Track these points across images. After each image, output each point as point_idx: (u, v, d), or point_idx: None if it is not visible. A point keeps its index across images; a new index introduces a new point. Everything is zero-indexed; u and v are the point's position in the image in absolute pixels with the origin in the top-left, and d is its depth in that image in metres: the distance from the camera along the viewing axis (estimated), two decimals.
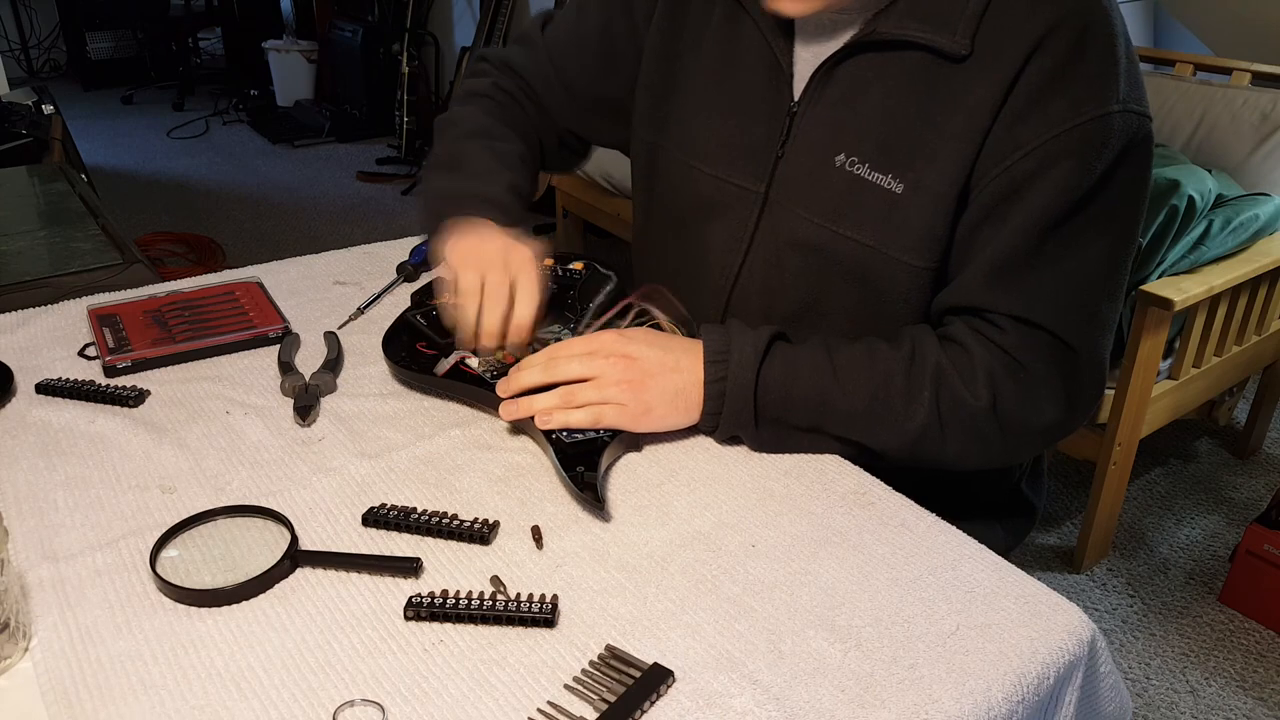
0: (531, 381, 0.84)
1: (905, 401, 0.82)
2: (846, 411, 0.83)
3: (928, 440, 0.83)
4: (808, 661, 0.63)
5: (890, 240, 0.86)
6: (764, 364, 0.83)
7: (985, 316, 0.84)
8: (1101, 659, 0.69)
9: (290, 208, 3.90)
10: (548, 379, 0.84)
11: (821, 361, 0.84)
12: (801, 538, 0.74)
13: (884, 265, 0.87)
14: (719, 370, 0.83)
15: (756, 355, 0.83)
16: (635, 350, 0.84)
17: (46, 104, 2.67)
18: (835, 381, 0.83)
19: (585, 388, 0.83)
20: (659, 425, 0.84)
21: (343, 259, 1.23)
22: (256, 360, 0.98)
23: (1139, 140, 0.81)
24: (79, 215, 1.78)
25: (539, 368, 0.85)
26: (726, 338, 0.85)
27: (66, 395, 0.91)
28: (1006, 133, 0.80)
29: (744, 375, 0.83)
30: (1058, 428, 0.86)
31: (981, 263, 0.83)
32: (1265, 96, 2.02)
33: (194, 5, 5.71)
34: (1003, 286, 0.82)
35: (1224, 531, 2.07)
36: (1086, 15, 0.79)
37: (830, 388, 0.83)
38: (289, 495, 0.78)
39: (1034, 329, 0.82)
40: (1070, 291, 0.82)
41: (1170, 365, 1.86)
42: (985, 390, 0.82)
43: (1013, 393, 0.83)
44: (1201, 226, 1.76)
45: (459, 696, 0.60)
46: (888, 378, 0.83)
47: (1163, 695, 1.66)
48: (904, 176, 0.85)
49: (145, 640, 0.64)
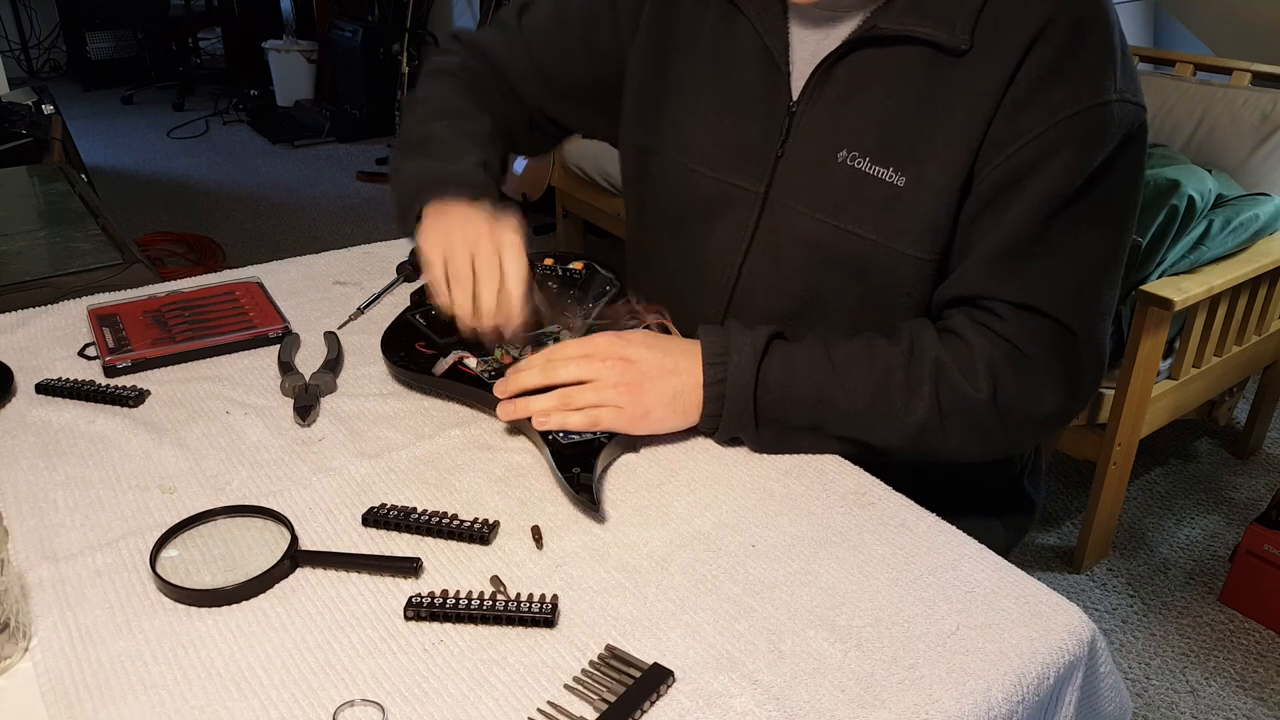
0: (529, 383, 0.84)
1: (905, 397, 0.83)
2: (846, 409, 0.83)
3: (929, 434, 0.83)
4: (808, 661, 0.63)
5: (893, 234, 0.87)
6: (763, 364, 0.83)
7: (986, 305, 0.85)
8: (1101, 659, 0.69)
9: (290, 208, 3.90)
10: (545, 381, 0.84)
11: (820, 359, 0.84)
12: (801, 538, 0.74)
13: (887, 259, 0.88)
14: (718, 372, 0.83)
15: (755, 355, 0.83)
16: (633, 353, 0.84)
17: (46, 104, 2.67)
18: (835, 379, 0.83)
19: (583, 390, 0.83)
20: (657, 428, 0.84)
21: (343, 259, 1.23)
22: (256, 360, 0.98)
23: (1136, 130, 0.82)
24: (79, 215, 1.78)
25: (536, 369, 0.85)
26: (725, 339, 0.85)
27: (66, 395, 0.91)
28: (1008, 122, 0.81)
29: (743, 376, 0.83)
30: (1058, 415, 0.86)
31: (983, 251, 0.83)
32: (1265, 96, 2.02)
33: (194, 5, 5.71)
34: (1004, 274, 0.83)
35: (1224, 531, 2.07)
36: (1082, 7, 0.80)
37: (830, 385, 0.83)
38: (289, 495, 0.78)
39: (1036, 315, 0.83)
40: (1072, 277, 0.83)
41: (1170, 365, 1.86)
42: (985, 382, 0.82)
43: (1013, 382, 0.83)
44: (1201, 226, 1.76)
45: (459, 696, 0.60)
46: (887, 373, 0.83)
47: (1163, 695, 1.66)
48: (906, 170, 0.85)
49: (145, 640, 0.64)
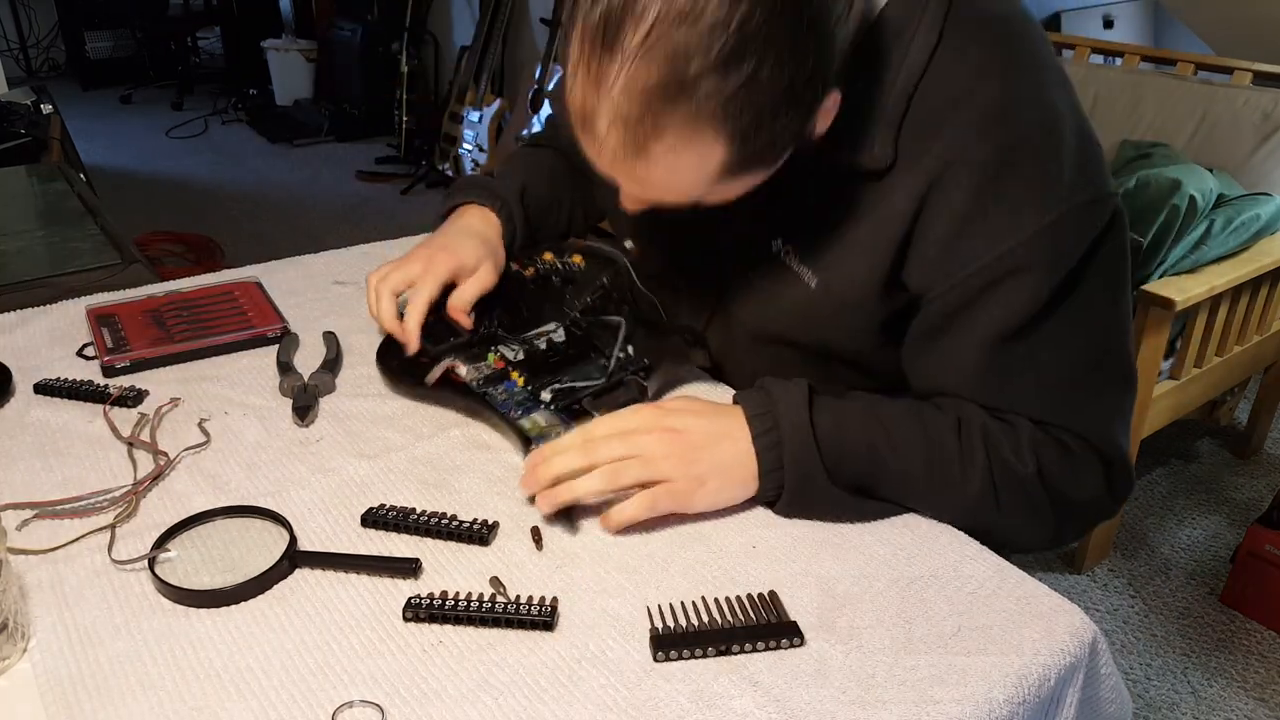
0: (566, 468, 0.75)
1: (962, 466, 0.75)
2: (901, 472, 0.76)
3: (985, 509, 0.76)
4: (808, 662, 0.63)
5: (814, 332, 0.85)
6: (813, 410, 0.75)
7: None
8: (1103, 660, 0.69)
9: (289, 207, 3.90)
10: (586, 464, 0.74)
11: (867, 416, 0.76)
12: (801, 538, 0.74)
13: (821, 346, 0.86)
14: (765, 422, 0.75)
15: (803, 397, 0.76)
16: (679, 422, 0.75)
17: (45, 103, 2.66)
18: (886, 436, 0.76)
19: (629, 465, 0.74)
20: (715, 501, 0.75)
21: (342, 259, 1.22)
22: (255, 360, 0.98)
23: (1105, 227, 0.74)
24: (78, 215, 1.78)
25: (575, 451, 0.75)
26: (765, 392, 0.77)
27: (65, 395, 0.90)
28: (943, 250, 0.75)
29: (796, 415, 0.75)
30: (1095, 506, 0.79)
31: (958, 373, 0.78)
32: (1266, 96, 2.02)
33: (193, 5, 5.70)
34: (993, 390, 0.78)
35: (1225, 532, 2.07)
36: (1013, 118, 0.72)
37: (882, 442, 0.75)
38: (288, 495, 0.78)
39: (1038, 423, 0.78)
40: (1064, 386, 0.77)
41: (1171, 365, 1.86)
42: (1030, 455, 0.76)
43: (1055, 461, 0.76)
44: (1203, 226, 1.76)
45: (458, 697, 0.60)
46: (941, 437, 0.76)
47: (1164, 696, 1.66)
48: (819, 274, 0.81)
49: (144, 641, 0.63)
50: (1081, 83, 2.28)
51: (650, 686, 0.61)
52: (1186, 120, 2.12)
